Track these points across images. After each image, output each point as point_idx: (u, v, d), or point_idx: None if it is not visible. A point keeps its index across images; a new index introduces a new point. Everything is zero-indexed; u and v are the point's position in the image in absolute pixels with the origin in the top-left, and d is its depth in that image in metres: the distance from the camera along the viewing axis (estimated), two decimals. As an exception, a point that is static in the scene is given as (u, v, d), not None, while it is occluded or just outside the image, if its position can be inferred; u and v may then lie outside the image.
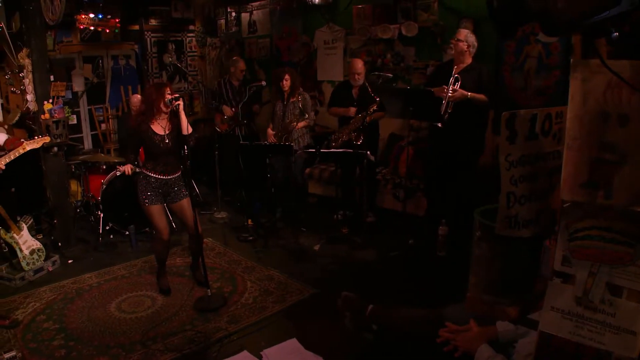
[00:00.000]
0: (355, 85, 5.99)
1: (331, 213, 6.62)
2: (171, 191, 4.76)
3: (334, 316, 4.13)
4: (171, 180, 4.73)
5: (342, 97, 6.16)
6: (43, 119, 5.70)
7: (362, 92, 5.90)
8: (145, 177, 4.69)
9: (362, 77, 5.94)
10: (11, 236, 5.41)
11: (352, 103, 5.96)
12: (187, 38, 10.20)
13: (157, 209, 4.70)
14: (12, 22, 6.73)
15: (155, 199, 4.68)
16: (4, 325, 4.47)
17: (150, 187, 4.67)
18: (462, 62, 5.17)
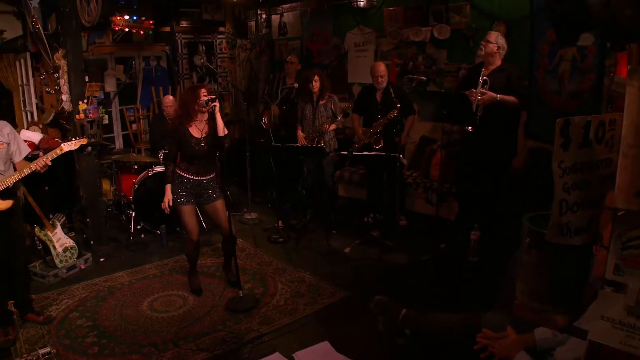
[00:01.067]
0: (379, 88, 5.96)
1: (361, 216, 6.59)
2: (204, 192, 4.77)
3: (366, 320, 4.14)
4: (205, 181, 4.75)
5: (366, 101, 6.14)
6: (78, 118, 5.77)
7: (385, 96, 5.87)
8: (179, 177, 4.71)
9: (385, 80, 5.90)
10: (45, 234, 5.48)
11: (376, 107, 5.93)
12: (217, 40, 10.26)
13: (188, 209, 4.72)
14: (48, 23, 6.84)
15: (187, 199, 4.70)
16: (38, 321, 4.54)
17: (183, 187, 4.69)
18: (491, 64, 5.12)
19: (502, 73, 5.06)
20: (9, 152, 4.18)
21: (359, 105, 6.32)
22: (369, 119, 6.02)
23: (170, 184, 4.71)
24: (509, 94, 4.94)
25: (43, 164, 4.07)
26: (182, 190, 4.69)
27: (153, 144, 7.52)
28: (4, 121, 4.32)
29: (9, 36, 7.98)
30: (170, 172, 4.73)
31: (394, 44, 7.51)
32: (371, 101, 6.03)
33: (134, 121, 9.35)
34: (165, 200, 4.69)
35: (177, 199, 4.68)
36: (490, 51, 5.05)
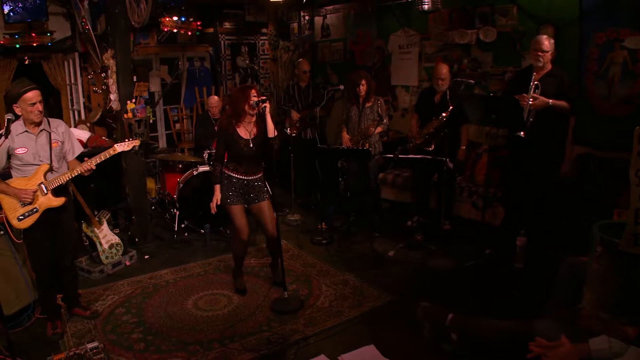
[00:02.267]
0: (439, 90, 5.88)
1: (404, 219, 6.53)
2: (252, 192, 4.77)
3: (411, 324, 4.08)
4: (252, 181, 4.75)
5: (425, 103, 6.07)
6: (126, 118, 5.86)
7: (443, 99, 5.80)
8: (227, 177, 4.73)
9: (446, 83, 5.81)
10: (92, 230, 5.58)
11: (433, 109, 5.85)
12: (259, 41, 10.31)
13: (237, 209, 4.73)
14: (97, 24, 6.96)
15: (236, 199, 4.71)
16: (84, 316, 4.62)
17: (231, 187, 4.71)
18: (542, 69, 4.97)
19: (553, 78, 4.92)
20: (63, 150, 4.27)
21: (418, 106, 6.28)
22: (425, 120, 5.94)
23: (218, 184, 4.73)
24: (560, 99, 4.83)
25: (87, 169, 4.12)
26: (230, 190, 4.70)
27: (197, 143, 7.59)
28: (59, 120, 4.40)
29: (58, 37, 8.16)
30: (219, 172, 4.74)
31: (439, 47, 7.43)
32: (429, 103, 5.96)
33: (178, 121, 9.47)
34: (214, 200, 4.71)
35: (226, 199, 4.70)
36: (547, 60, 4.93)
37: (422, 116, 6.12)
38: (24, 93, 3.89)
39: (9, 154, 4.04)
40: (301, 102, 7.48)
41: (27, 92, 3.90)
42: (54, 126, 4.20)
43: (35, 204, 4.08)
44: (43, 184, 4.07)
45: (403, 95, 8.09)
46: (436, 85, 5.89)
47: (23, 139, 4.03)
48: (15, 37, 7.70)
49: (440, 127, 5.72)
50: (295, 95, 7.48)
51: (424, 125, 5.96)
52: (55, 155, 4.17)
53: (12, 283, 4.50)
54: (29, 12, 7.57)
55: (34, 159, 4.08)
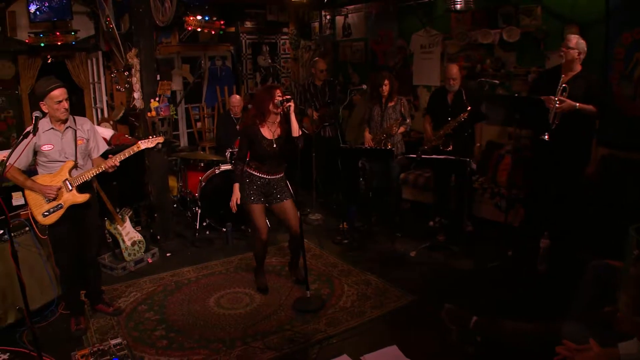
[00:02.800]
0: (451, 91, 5.84)
1: (425, 219, 6.50)
2: (273, 191, 4.79)
3: (434, 325, 4.08)
4: (274, 180, 4.77)
5: (437, 103, 6.04)
6: (149, 116, 5.89)
7: (456, 99, 5.77)
8: (249, 175, 4.74)
9: (457, 82, 5.78)
10: (115, 227, 5.62)
11: (447, 109, 5.82)
12: (280, 40, 10.33)
13: (258, 208, 4.74)
14: (121, 23, 7.01)
15: (256, 198, 4.73)
16: (107, 312, 4.65)
17: (253, 186, 4.72)
18: (570, 70, 4.88)
19: (582, 80, 4.82)
20: (88, 147, 4.31)
21: (430, 106, 6.23)
22: (439, 121, 5.91)
23: (238, 183, 4.75)
24: (588, 103, 4.74)
25: (112, 165, 4.18)
26: (251, 189, 4.72)
27: (218, 142, 7.61)
28: (85, 118, 4.45)
29: (81, 35, 8.24)
30: (240, 172, 4.76)
31: (461, 47, 7.38)
32: (442, 103, 5.93)
33: (199, 119, 9.51)
34: (234, 199, 4.75)
35: (246, 198, 4.72)
36: (571, 58, 4.83)
37: (435, 117, 6.09)
38: (50, 90, 3.93)
39: (35, 150, 4.09)
40: (318, 101, 7.48)
41: (54, 90, 3.94)
42: (79, 124, 4.25)
43: (60, 200, 4.12)
44: (68, 181, 4.11)
45: (425, 95, 8.04)
46: (448, 85, 5.86)
47: (49, 135, 4.08)
48: (40, 36, 7.79)
49: (458, 128, 5.69)
50: (310, 95, 7.47)
51: (438, 126, 5.94)
52: (81, 152, 4.21)
53: (36, 278, 4.54)
54: (55, 11, 7.66)
55: (59, 156, 4.13)
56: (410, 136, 7.39)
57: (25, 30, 7.87)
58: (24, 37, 7.87)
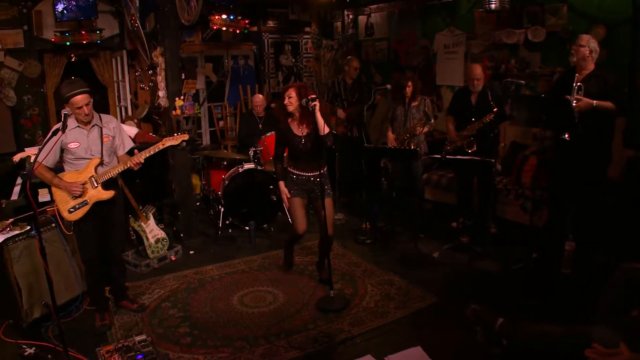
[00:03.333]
0: (474, 91, 5.80)
1: (448, 220, 6.47)
2: (314, 188, 4.78)
3: (458, 326, 4.06)
4: (312, 177, 4.75)
5: (460, 104, 5.99)
6: (174, 114, 5.93)
7: (480, 99, 5.72)
8: (290, 174, 4.81)
9: (481, 83, 5.74)
10: (139, 224, 5.66)
11: (470, 110, 5.78)
12: (302, 39, 10.34)
13: (298, 202, 4.80)
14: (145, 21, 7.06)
15: (297, 193, 4.78)
16: (131, 309, 4.69)
17: (293, 183, 4.78)
18: (584, 69, 4.82)
19: (596, 78, 4.76)
20: (114, 145, 4.34)
21: (453, 107, 6.20)
22: (462, 121, 5.87)
23: (282, 180, 4.83)
24: (604, 100, 4.69)
25: (137, 162, 4.19)
26: (293, 184, 4.78)
27: (240, 141, 7.64)
28: (110, 115, 4.50)
29: (106, 34, 8.32)
30: (280, 169, 4.86)
31: (485, 46, 7.32)
32: (465, 104, 5.88)
33: (221, 118, 9.54)
34: (284, 196, 4.82)
35: (289, 191, 4.78)
36: (582, 56, 4.78)
37: (458, 118, 6.05)
38: (71, 97, 3.98)
39: (61, 148, 4.14)
40: (347, 100, 7.43)
41: (75, 96, 3.98)
42: (105, 121, 4.29)
43: (86, 196, 4.16)
44: (93, 177, 4.15)
45: (448, 95, 7.99)
46: (471, 85, 5.82)
47: (75, 133, 4.13)
48: (66, 35, 7.89)
49: (483, 129, 5.64)
50: (341, 92, 7.43)
51: (461, 126, 5.90)
52: (107, 149, 4.26)
53: (62, 274, 4.60)
54: (82, 10, 7.77)
55: (85, 153, 4.17)
56: (433, 136, 7.36)
57: (51, 29, 7.99)
58: (49, 36, 7.99)
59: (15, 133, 8.15)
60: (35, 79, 8.25)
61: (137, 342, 3.85)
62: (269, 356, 3.90)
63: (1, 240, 4.29)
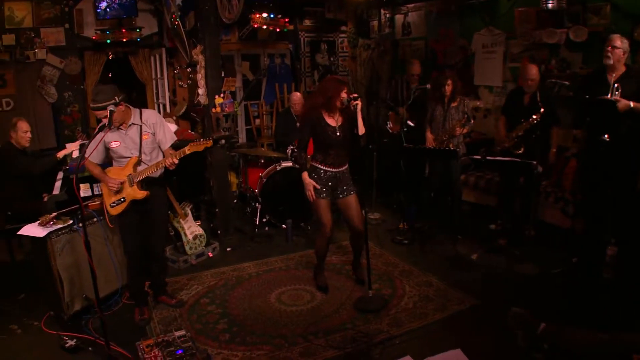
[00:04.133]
0: (528, 92, 5.68)
1: (486, 222, 6.39)
2: (340, 185, 4.72)
3: (498, 330, 4.01)
4: (340, 172, 4.69)
5: (513, 104, 5.89)
6: (214, 112, 5.96)
7: (533, 100, 5.61)
8: (315, 169, 4.68)
9: (534, 83, 5.61)
10: (177, 221, 5.72)
11: (522, 110, 5.65)
12: (339, 38, 10.32)
13: (324, 203, 4.69)
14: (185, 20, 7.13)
15: (323, 193, 4.67)
16: (170, 304, 4.75)
17: (319, 181, 4.65)
18: (617, 70, 4.73)
19: (631, 79, 4.66)
20: (156, 141, 4.36)
21: (506, 107, 6.10)
22: (513, 122, 5.75)
23: (306, 170, 4.66)
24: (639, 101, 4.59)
25: (170, 162, 4.17)
26: (318, 183, 4.64)
27: (277, 139, 7.66)
28: (152, 111, 4.52)
29: (145, 32, 8.43)
30: (304, 159, 4.69)
31: (525, 46, 7.21)
32: (518, 104, 5.77)
33: (258, 116, 9.59)
34: (310, 187, 4.63)
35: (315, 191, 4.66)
36: (617, 58, 4.69)
37: (510, 118, 5.94)
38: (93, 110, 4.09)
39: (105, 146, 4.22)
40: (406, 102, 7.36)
41: (95, 110, 4.07)
42: (145, 118, 4.31)
43: (123, 194, 4.25)
44: (131, 176, 4.21)
45: (486, 95, 7.91)
46: (525, 86, 5.69)
47: (114, 133, 4.20)
48: (106, 33, 8.01)
49: (530, 130, 5.55)
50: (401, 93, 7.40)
51: (512, 127, 5.80)
52: (147, 147, 4.29)
53: (102, 268, 4.67)
54: (124, 8, 7.89)
55: (125, 152, 4.24)
56: (471, 137, 7.27)
57: (92, 28, 8.12)
58: (90, 34, 8.13)
59: (55, 129, 8.32)
60: (76, 76, 8.39)
61: (176, 337, 3.89)
62: (307, 355, 3.90)
63: (45, 233, 4.37)
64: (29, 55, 7.88)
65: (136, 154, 4.24)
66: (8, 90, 7.85)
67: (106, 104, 3.94)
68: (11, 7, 7.71)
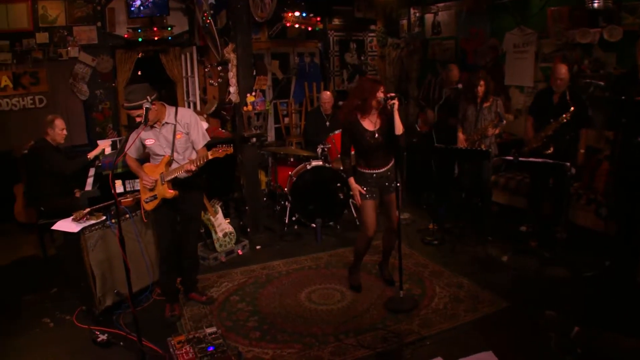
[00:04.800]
0: (557, 91, 5.61)
1: (515, 224, 6.32)
2: (386, 183, 4.67)
3: (530, 333, 3.98)
4: (384, 172, 4.65)
5: (542, 103, 5.82)
6: (245, 110, 5.99)
7: (562, 100, 5.54)
8: (361, 174, 4.66)
9: (564, 83, 5.54)
10: (208, 218, 5.75)
11: (551, 110, 5.59)
12: (368, 38, 10.31)
13: (370, 205, 4.65)
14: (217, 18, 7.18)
15: (370, 195, 4.63)
16: (200, 301, 4.79)
17: (365, 183, 4.62)
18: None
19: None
20: (189, 140, 4.38)
21: (534, 107, 6.03)
22: (542, 122, 5.69)
23: (352, 176, 4.65)
24: None
25: (188, 169, 4.15)
26: (364, 185, 4.62)
27: (306, 138, 7.67)
28: (187, 110, 4.53)
29: (176, 31, 8.51)
30: (349, 166, 4.70)
31: (557, 46, 7.10)
32: (547, 104, 5.70)
33: (287, 115, 9.62)
34: (356, 192, 4.62)
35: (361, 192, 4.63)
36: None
37: (538, 118, 5.87)
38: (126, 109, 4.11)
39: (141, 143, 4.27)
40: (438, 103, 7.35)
41: (128, 110, 4.10)
42: (179, 117, 4.31)
43: (155, 191, 4.30)
44: (163, 174, 4.24)
45: (517, 95, 7.82)
46: (555, 85, 5.62)
47: (149, 131, 4.24)
48: (138, 32, 8.10)
49: (559, 130, 5.48)
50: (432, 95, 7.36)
51: (541, 127, 5.73)
52: (180, 146, 4.31)
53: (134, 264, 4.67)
54: (157, 7, 7.98)
55: (159, 150, 4.28)
56: (502, 137, 7.20)
57: (124, 26, 8.24)
58: (122, 33, 8.24)
59: (87, 126, 8.45)
60: (107, 73, 8.52)
61: (207, 334, 3.92)
62: (338, 354, 3.90)
63: (78, 229, 4.43)
64: (61, 53, 8.04)
65: (169, 152, 4.26)
66: (41, 87, 8.01)
67: (139, 104, 3.98)
68: (45, 6, 7.87)
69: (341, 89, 9.88)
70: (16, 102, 7.85)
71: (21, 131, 7.65)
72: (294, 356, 3.90)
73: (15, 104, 7.85)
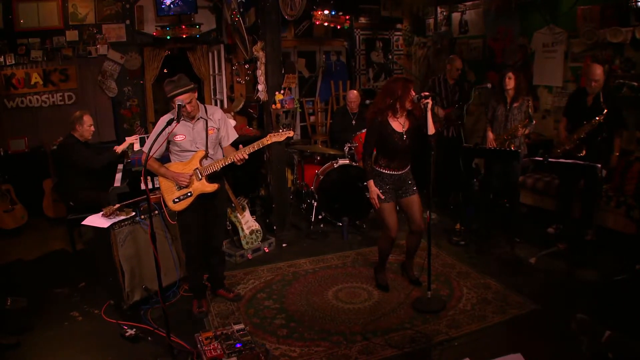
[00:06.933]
0: (591, 93, 5.53)
1: (543, 225, 6.26)
2: (404, 185, 4.68)
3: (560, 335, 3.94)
4: (403, 174, 4.66)
5: (576, 105, 5.74)
6: (274, 108, 6.00)
7: (596, 101, 5.45)
8: (379, 174, 4.64)
9: (599, 84, 5.45)
10: (235, 215, 5.78)
11: (585, 111, 5.51)
12: (394, 36, 10.27)
13: (389, 207, 4.64)
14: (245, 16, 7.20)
15: (388, 197, 4.62)
16: (228, 298, 4.82)
17: (383, 184, 4.61)
18: None
19: None
20: (219, 137, 4.40)
21: (568, 108, 5.95)
22: (575, 124, 5.62)
23: (372, 179, 4.61)
24: None
25: (241, 157, 4.17)
26: (382, 187, 4.60)
27: (332, 136, 7.67)
28: (215, 107, 4.57)
29: (204, 29, 8.56)
30: (370, 168, 4.66)
31: (588, 45, 7.00)
32: (581, 105, 5.62)
33: (313, 113, 9.63)
34: (374, 195, 4.59)
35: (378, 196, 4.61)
36: None
37: (572, 120, 5.80)
38: (175, 96, 4.03)
39: (168, 140, 4.24)
40: (447, 99, 7.28)
41: (179, 96, 4.04)
42: (210, 113, 4.35)
43: (190, 188, 4.26)
44: (198, 170, 4.23)
45: (545, 96, 7.72)
46: (589, 87, 5.53)
47: (181, 126, 4.18)
48: (167, 29, 8.18)
49: (592, 132, 5.41)
50: (441, 91, 7.30)
51: (573, 129, 5.65)
52: (211, 141, 4.32)
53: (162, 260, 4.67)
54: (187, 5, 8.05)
55: (190, 146, 4.26)
56: (530, 138, 7.13)
57: (152, 24, 8.32)
58: (150, 30, 8.32)
59: (115, 122, 8.55)
60: (135, 71, 8.60)
61: (235, 331, 3.93)
62: (366, 353, 3.90)
63: (108, 224, 4.49)
64: (90, 50, 8.15)
65: (202, 147, 4.26)
66: (70, 84, 8.13)
67: (193, 86, 4.06)
68: (75, 4, 7.97)
69: (367, 87, 9.85)
70: (46, 98, 7.98)
71: (51, 127, 7.81)
72: (322, 354, 3.91)
73: (45, 101, 7.97)
